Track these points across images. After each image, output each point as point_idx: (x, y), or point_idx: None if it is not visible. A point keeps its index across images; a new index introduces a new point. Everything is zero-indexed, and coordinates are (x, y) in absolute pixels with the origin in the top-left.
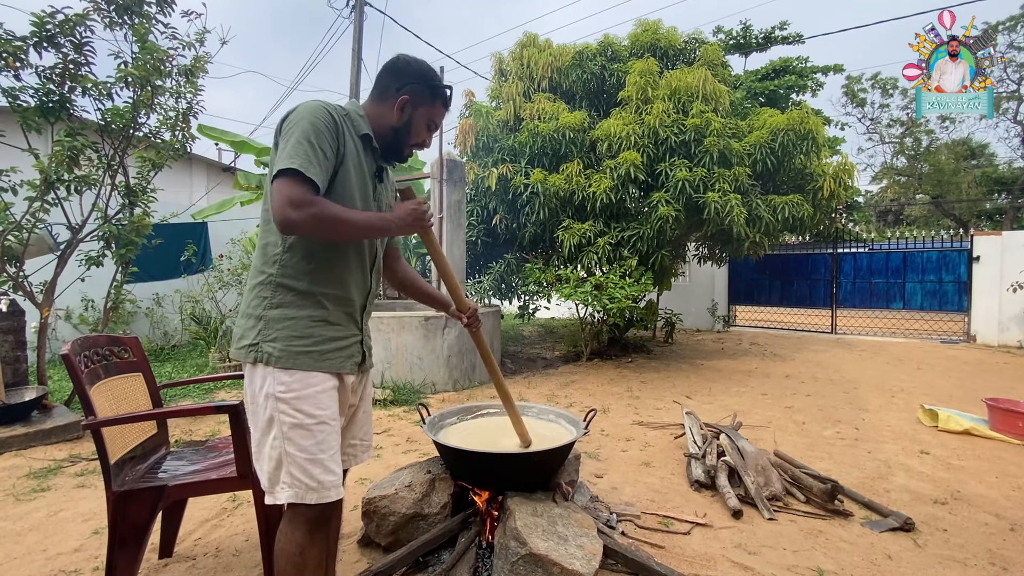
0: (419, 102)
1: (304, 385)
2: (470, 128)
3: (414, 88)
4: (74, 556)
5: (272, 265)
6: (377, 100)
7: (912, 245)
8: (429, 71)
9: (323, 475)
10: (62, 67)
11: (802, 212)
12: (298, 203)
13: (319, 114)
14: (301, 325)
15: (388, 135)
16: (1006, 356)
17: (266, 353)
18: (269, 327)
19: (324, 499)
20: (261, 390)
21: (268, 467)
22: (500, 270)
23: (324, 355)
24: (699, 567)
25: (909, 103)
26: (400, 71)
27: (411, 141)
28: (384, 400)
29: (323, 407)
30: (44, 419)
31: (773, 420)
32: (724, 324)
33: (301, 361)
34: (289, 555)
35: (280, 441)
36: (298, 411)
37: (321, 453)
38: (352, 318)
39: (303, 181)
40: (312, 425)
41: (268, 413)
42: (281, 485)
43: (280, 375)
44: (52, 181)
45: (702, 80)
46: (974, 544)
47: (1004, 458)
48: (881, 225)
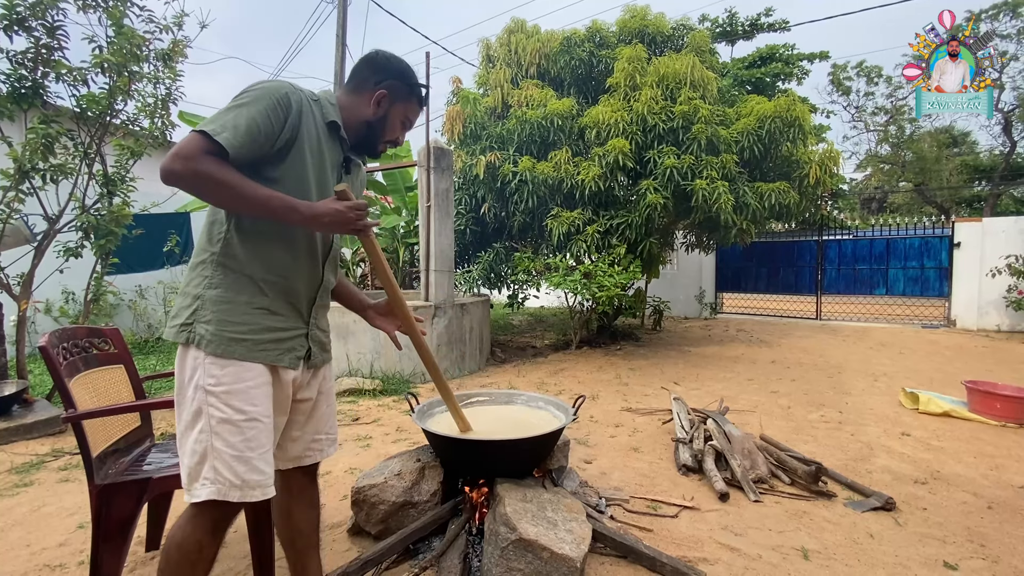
0: (396, 98)
1: (236, 379)
2: (457, 115)
3: (393, 84)
4: (59, 551)
5: (215, 244)
6: (352, 92)
7: (895, 232)
8: (408, 69)
9: (249, 473)
10: (34, 52)
11: (788, 199)
12: (185, 155)
13: (274, 90)
14: (238, 310)
15: (362, 128)
16: (985, 340)
17: (198, 335)
18: (205, 308)
19: (248, 498)
20: (191, 381)
21: (190, 461)
22: (489, 259)
23: (259, 345)
24: (687, 549)
25: (893, 91)
26: (380, 66)
27: (386, 137)
28: (374, 390)
29: (255, 403)
30: (25, 413)
31: (759, 405)
32: (711, 311)
33: (233, 348)
34: (187, 552)
35: (207, 435)
36: (228, 406)
37: (250, 451)
38: (296, 309)
39: (208, 142)
40: (242, 421)
41: (196, 405)
42: (203, 481)
43: (211, 367)
44: (27, 170)
45: (690, 67)
46: (953, 522)
47: (982, 439)
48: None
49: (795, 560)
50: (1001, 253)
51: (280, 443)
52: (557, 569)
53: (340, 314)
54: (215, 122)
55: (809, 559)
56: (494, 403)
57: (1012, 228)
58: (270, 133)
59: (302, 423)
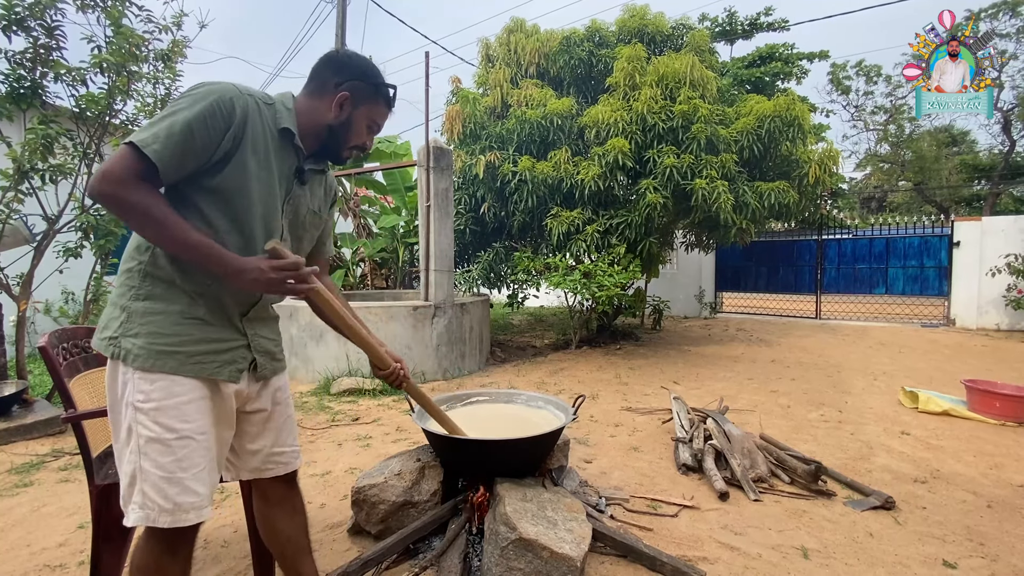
0: (360, 100)
1: (166, 394)
2: (457, 115)
3: (355, 85)
4: (59, 551)
5: (144, 252)
6: (312, 95)
7: (895, 231)
8: (371, 68)
9: (181, 496)
10: (33, 52)
11: (788, 199)
12: (112, 178)
13: (215, 95)
14: (169, 321)
15: (323, 133)
16: (984, 339)
17: (125, 350)
18: (131, 321)
19: (179, 523)
20: (121, 398)
21: (124, 483)
22: (489, 259)
23: (192, 357)
24: (686, 548)
25: (893, 90)
26: (340, 66)
27: (350, 142)
28: (373, 390)
29: (187, 420)
30: (25, 414)
31: (759, 404)
32: (711, 311)
33: (164, 362)
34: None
35: (136, 456)
36: (156, 423)
37: (181, 472)
38: (231, 323)
39: (137, 159)
40: (172, 440)
41: (127, 423)
42: (132, 505)
43: (140, 383)
44: (26, 170)
45: (690, 66)
46: (952, 521)
47: (982, 437)
48: (865, 212)
49: (795, 559)
50: (1000, 252)
51: (237, 456)
52: (557, 568)
53: None
54: (147, 130)
55: (809, 558)
56: (494, 402)
57: (1012, 227)
58: (207, 144)
59: (256, 435)
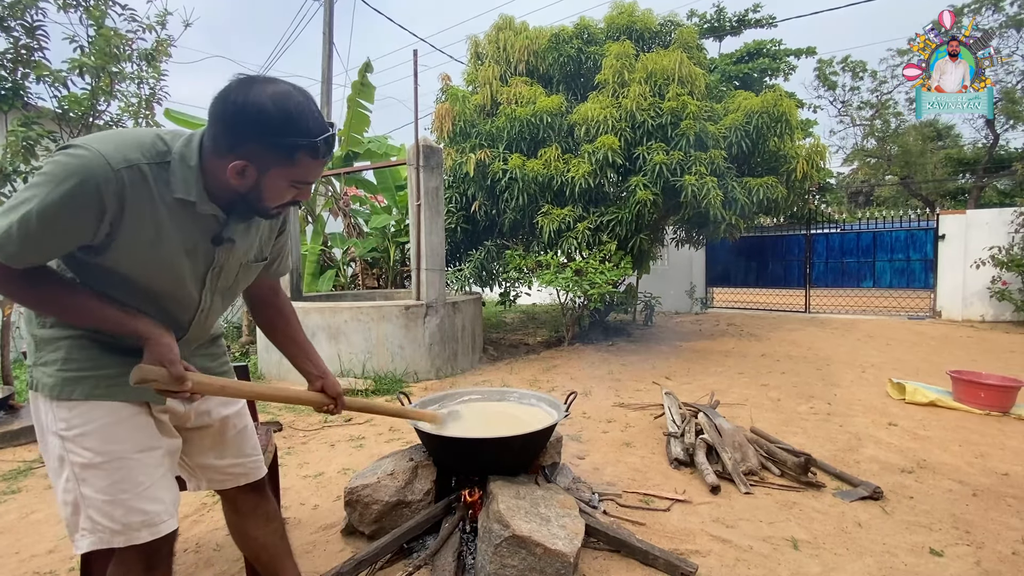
0: (267, 165)
1: (87, 420)
2: (447, 113)
3: (254, 150)
4: (48, 558)
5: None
6: (212, 152)
7: (882, 225)
8: (282, 118)
9: (128, 516)
10: (13, 52)
11: (776, 194)
12: None
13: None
14: (76, 346)
15: (235, 199)
16: (969, 330)
17: (36, 379)
18: (41, 349)
19: (135, 540)
20: (47, 427)
21: (65, 512)
22: (480, 257)
23: (103, 381)
24: (679, 542)
25: (878, 86)
26: (231, 123)
27: (271, 204)
28: (366, 390)
29: (116, 441)
30: (11, 420)
31: (749, 398)
32: (702, 306)
33: (73, 388)
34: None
35: (74, 483)
36: (86, 449)
37: (122, 493)
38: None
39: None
40: (104, 463)
41: (56, 452)
42: (81, 532)
43: (59, 411)
44: (7, 173)
45: (678, 63)
46: (939, 510)
47: (967, 427)
48: (852, 206)
49: (785, 550)
50: (985, 245)
51: (190, 469)
52: (551, 564)
53: (331, 314)
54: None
55: (799, 549)
56: (486, 401)
57: (995, 220)
58: (76, 230)
59: (206, 449)
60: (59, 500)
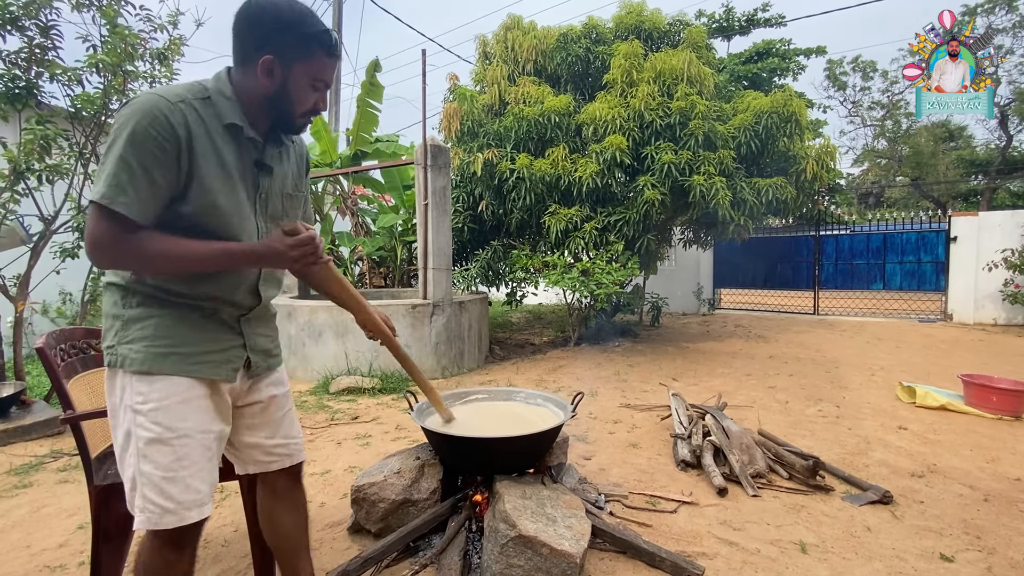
0: (292, 59)
1: (164, 394)
2: (454, 112)
3: (279, 44)
4: (59, 551)
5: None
6: (240, 66)
7: (892, 227)
8: (294, 16)
9: (183, 494)
10: (28, 51)
11: (785, 195)
12: (100, 244)
13: (147, 119)
14: (164, 324)
15: (265, 107)
16: (981, 333)
17: (122, 356)
18: (127, 328)
19: (184, 521)
20: (121, 402)
21: (127, 488)
22: (487, 257)
23: (189, 358)
24: (685, 544)
25: (889, 86)
26: (254, 24)
27: (298, 110)
28: (372, 389)
29: (185, 418)
30: (23, 415)
31: (757, 400)
32: (709, 307)
33: (163, 364)
34: (155, 572)
35: (135, 459)
36: (156, 424)
37: (182, 470)
38: (226, 324)
39: (110, 217)
40: (172, 439)
41: (126, 427)
42: (135, 510)
43: (138, 384)
44: (22, 171)
45: (687, 63)
46: (949, 515)
47: (978, 432)
48: (862, 207)
49: (793, 554)
50: (997, 247)
51: (237, 451)
52: (556, 565)
53: (338, 312)
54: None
55: (807, 552)
56: (493, 400)
57: (1008, 222)
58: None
59: (254, 428)
60: (124, 475)
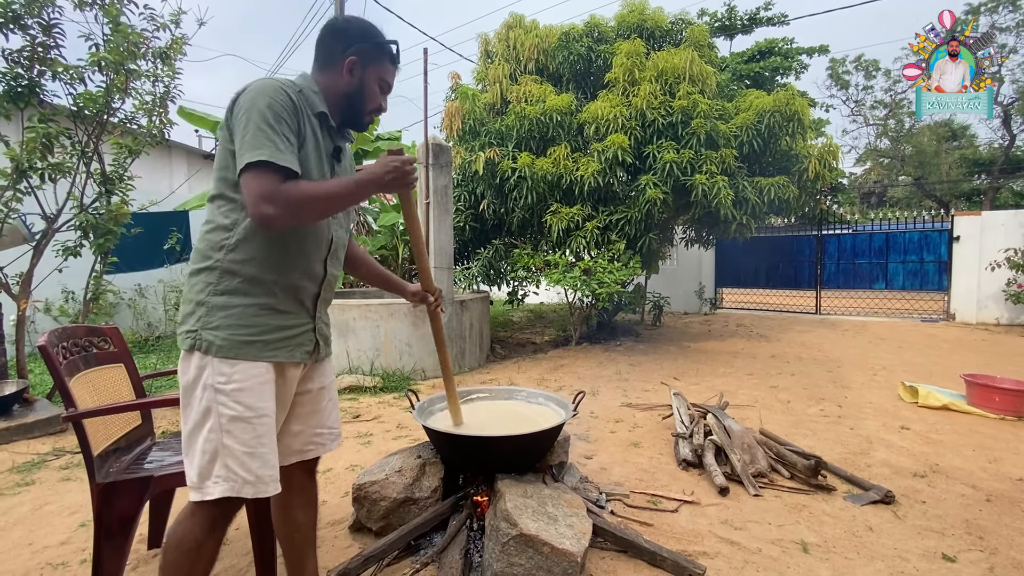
0: (368, 61)
1: (246, 376)
2: (456, 111)
3: (360, 48)
4: (61, 549)
5: (219, 251)
6: (324, 68)
7: (895, 226)
8: (372, 28)
9: (262, 469)
10: (30, 50)
11: (788, 194)
12: (271, 197)
13: (275, 95)
14: (248, 313)
15: (342, 103)
16: (984, 333)
17: (206, 341)
18: (211, 314)
19: (261, 493)
20: (198, 380)
21: (201, 460)
22: (488, 256)
23: (270, 344)
24: (686, 543)
25: (892, 85)
26: (342, 31)
27: (368, 106)
28: (374, 387)
29: (264, 400)
30: (26, 413)
31: (759, 399)
32: (711, 306)
33: (245, 351)
34: (186, 550)
35: (217, 434)
36: (239, 403)
37: (261, 447)
38: (304, 306)
39: (275, 171)
40: (253, 418)
41: (204, 404)
42: (215, 479)
43: (221, 366)
44: (24, 169)
45: (689, 61)
46: (952, 515)
47: (981, 432)
48: (865, 207)
49: (795, 553)
50: (1000, 247)
51: (280, 438)
52: (558, 564)
53: (340, 311)
54: (260, 149)
55: (808, 552)
56: (494, 399)
57: (1011, 221)
58: (294, 141)
59: (303, 416)
60: (196, 450)
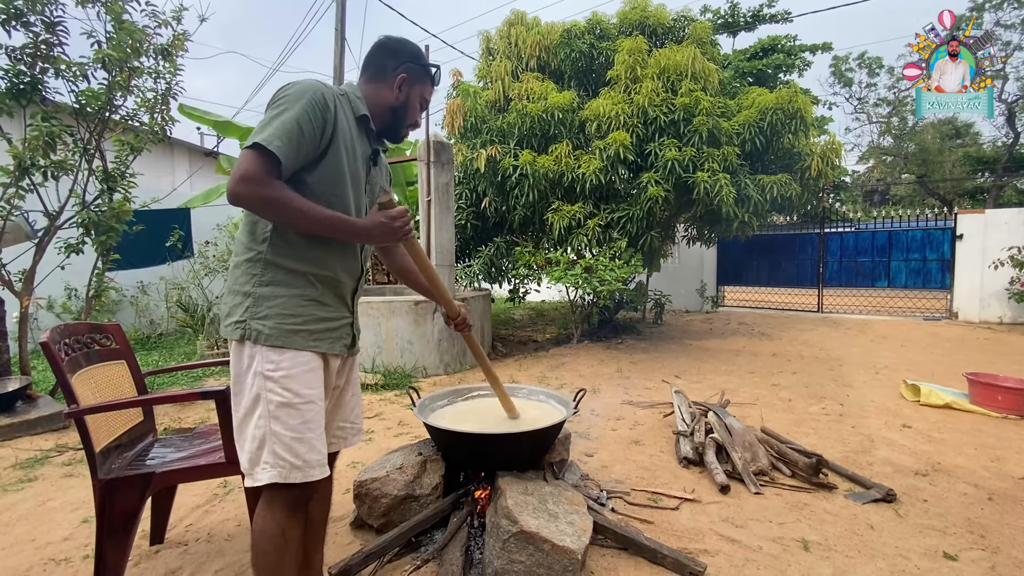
0: (415, 80)
1: (293, 364)
2: (458, 109)
3: (410, 67)
4: (64, 545)
5: (262, 243)
6: (372, 80)
7: (897, 224)
8: (419, 50)
9: (308, 454)
10: (33, 47)
11: (790, 192)
12: (249, 179)
13: (309, 91)
14: (293, 303)
15: (386, 115)
16: (987, 332)
17: (255, 331)
18: (259, 304)
19: (309, 478)
20: (248, 369)
21: (251, 447)
22: (490, 253)
23: (315, 335)
24: (687, 541)
25: (895, 83)
26: (395, 50)
27: (408, 120)
28: (375, 385)
29: (311, 386)
30: (29, 409)
31: (760, 397)
32: (713, 304)
33: (293, 340)
34: (271, 536)
35: (265, 420)
36: (287, 390)
37: (308, 432)
38: (343, 300)
39: (264, 155)
40: (300, 404)
41: (255, 391)
42: (263, 465)
43: (269, 354)
44: (27, 167)
45: (691, 59)
46: (953, 513)
47: (983, 430)
48: (867, 205)
49: (796, 551)
50: (1004, 245)
51: None
52: (558, 561)
53: None
54: (264, 131)
55: (810, 550)
56: (495, 397)
57: (1015, 220)
58: (313, 137)
59: (330, 410)
60: (246, 436)
